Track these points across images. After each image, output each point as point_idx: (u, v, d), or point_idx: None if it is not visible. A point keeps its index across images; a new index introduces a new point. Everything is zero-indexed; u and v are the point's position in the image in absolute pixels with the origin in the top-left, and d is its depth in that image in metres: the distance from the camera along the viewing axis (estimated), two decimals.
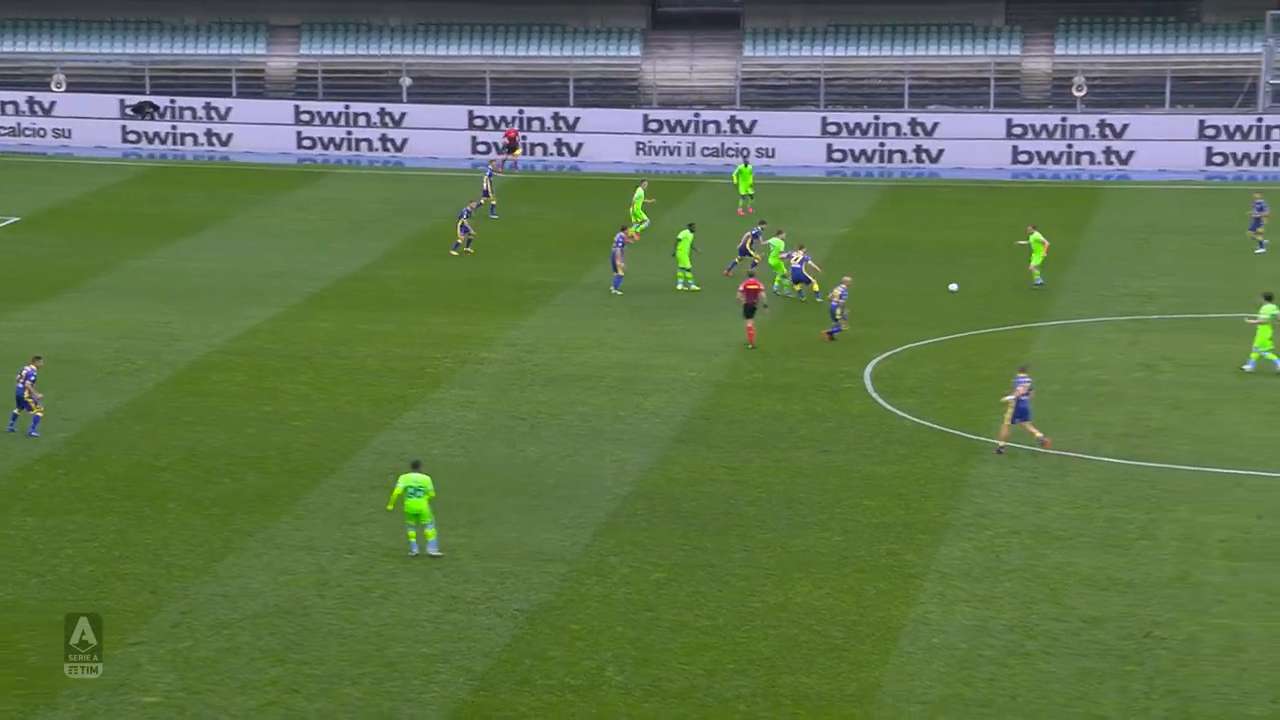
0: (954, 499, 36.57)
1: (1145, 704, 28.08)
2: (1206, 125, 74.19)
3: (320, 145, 77.94)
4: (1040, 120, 75.45)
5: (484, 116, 77.96)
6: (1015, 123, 75.47)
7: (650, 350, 47.40)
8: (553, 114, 77.68)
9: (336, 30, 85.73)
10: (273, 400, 43.45)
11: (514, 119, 77.01)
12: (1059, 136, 74.56)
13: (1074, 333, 48.81)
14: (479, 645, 30.22)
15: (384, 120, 78.16)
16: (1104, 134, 74.35)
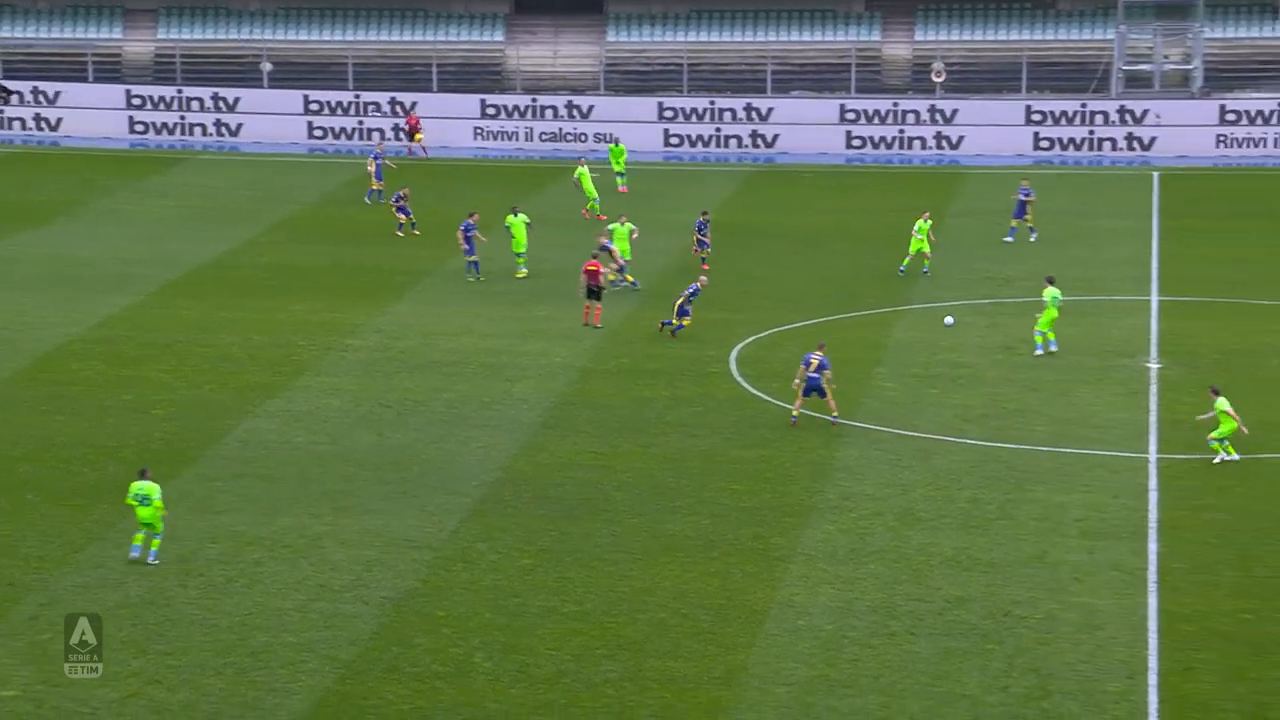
0: (819, 482, 36.87)
1: (1005, 681, 28.50)
2: (1033, 110, 75.25)
3: (155, 130, 77.10)
4: (873, 106, 76.11)
5: (319, 101, 77.30)
6: (849, 108, 76.16)
7: (517, 336, 47.32)
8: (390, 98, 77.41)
9: (195, 14, 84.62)
10: (133, 389, 42.88)
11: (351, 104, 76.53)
12: (891, 121, 75.35)
13: (935, 316, 49.35)
14: (345, 633, 30.04)
15: (218, 105, 77.37)
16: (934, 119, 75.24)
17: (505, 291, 51.80)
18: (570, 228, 60.03)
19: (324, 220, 61.55)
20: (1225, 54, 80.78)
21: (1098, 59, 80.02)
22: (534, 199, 65.03)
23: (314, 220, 61.26)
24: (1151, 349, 46.40)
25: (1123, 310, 50.20)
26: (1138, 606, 31.12)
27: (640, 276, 52.98)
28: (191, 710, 27.51)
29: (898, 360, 45.29)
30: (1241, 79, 79.68)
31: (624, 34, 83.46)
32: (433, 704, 27.81)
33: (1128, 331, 47.90)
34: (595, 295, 47.30)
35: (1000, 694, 28.07)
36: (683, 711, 27.57)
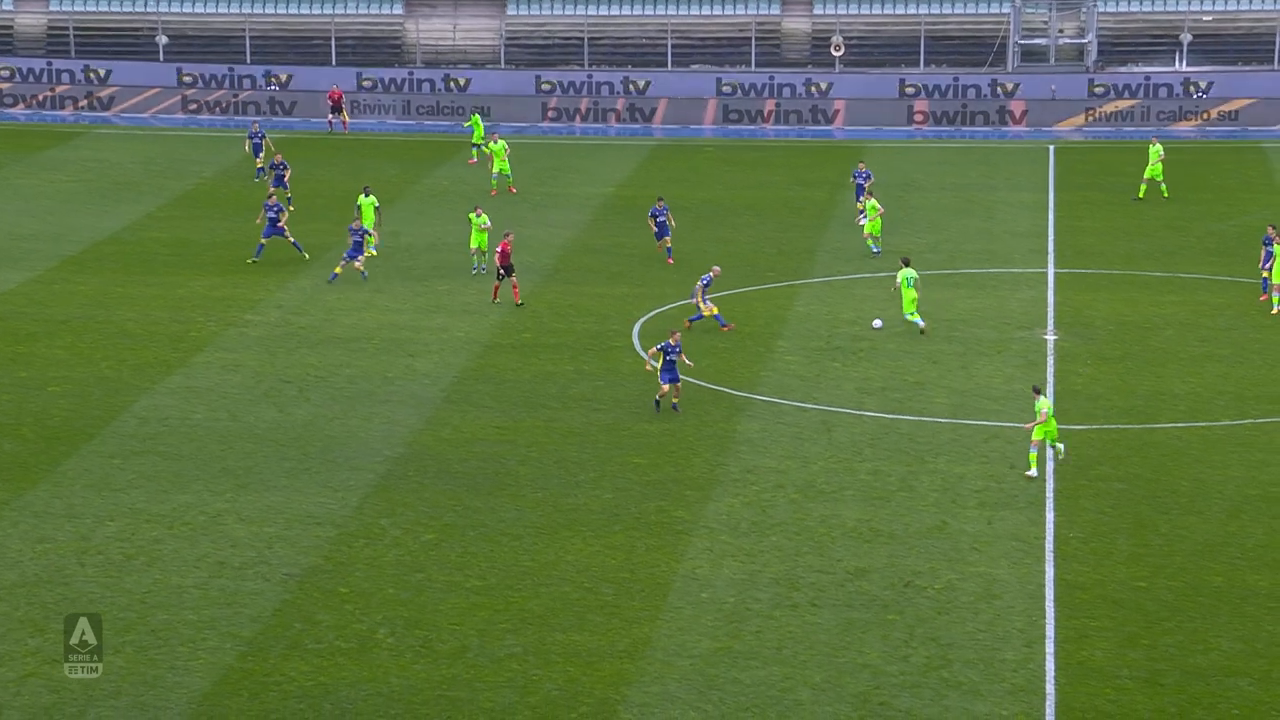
0: (722, 455, 36.98)
1: (906, 651, 28.74)
2: (723, 84, 75.97)
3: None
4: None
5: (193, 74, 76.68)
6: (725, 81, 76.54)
7: (419, 312, 47.11)
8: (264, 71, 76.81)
9: None
10: (28, 366, 42.32)
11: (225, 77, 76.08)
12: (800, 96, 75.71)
13: (835, 290, 49.61)
14: (247, 610, 29.84)
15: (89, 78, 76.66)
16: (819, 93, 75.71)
17: (407, 267, 51.54)
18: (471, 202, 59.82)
19: (223, 195, 60.97)
20: (1119, 28, 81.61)
21: (994, 33, 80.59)
22: (435, 173, 64.78)
23: (213, 195, 60.65)
24: (1049, 321, 46.86)
25: (1021, 283, 50.66)
26: (1035, 575, 31.48)
27: (543, 253, 52.91)
28: (91, 689, 27.25)
29: (799, 333, 45.48)
30: (1134, 53, 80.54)
31: (524, 8, 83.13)
32: (336, 680, 27.69)
33: (1026, 304, 48.35)
34: (508, 272, 46.92)
35: (901, 664, 28.31)
36: (587, 685, 27.61)
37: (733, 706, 27.04)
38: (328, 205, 58.79)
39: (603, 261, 52.37)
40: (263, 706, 26.91)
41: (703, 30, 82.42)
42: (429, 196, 61.08)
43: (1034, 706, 27.11)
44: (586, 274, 50.78)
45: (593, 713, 26.86)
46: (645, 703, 27.14)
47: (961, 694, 27.43)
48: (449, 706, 26.97)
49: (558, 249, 53.59)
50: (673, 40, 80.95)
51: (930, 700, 27.24)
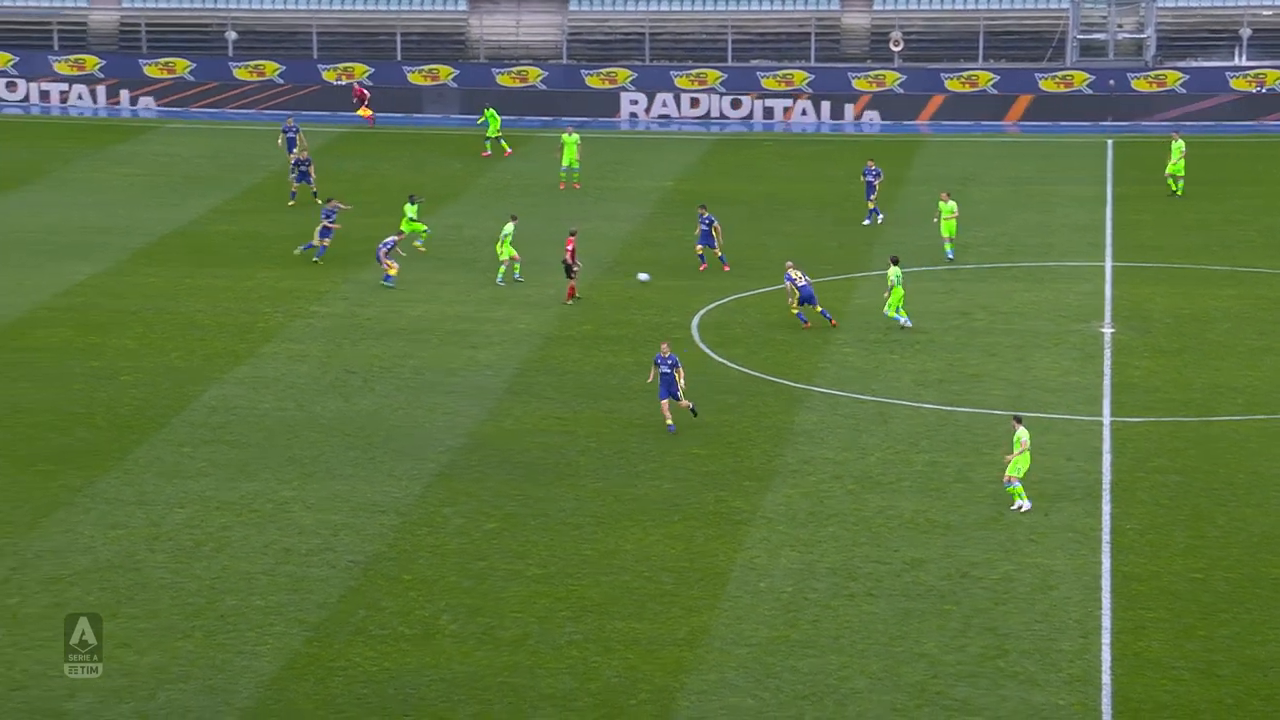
0: (780, 446, 36.96)
1: (963, 641, 28.67)
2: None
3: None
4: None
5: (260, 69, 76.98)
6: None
7: (482, 304, 47.25)
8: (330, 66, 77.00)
9: None
10: (100, 356, 42.71)
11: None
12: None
13: None
14: (313, 597, 30.04)
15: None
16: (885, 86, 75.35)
17: (470, 260, 51.70)
18: (531, 196, 59.96)
19: (288, 189, 61.29)
20: (1177, 22, 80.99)
21: (1053, 28, 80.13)
22: (498, 167, 64.97)
23: (280, 188, 60.95)
24: (1106, 314, 46.60)
25: (1078, 276, 50.39)
26: (1091, 567, 31.34)
27: (603, 246, 52.99)
28: (161, 673, 27.49)
29: (856, 326, 45.37)
30: (1193, 47, 79.93)
31: (586, 4, 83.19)
32: (399, 666, 27.84)
33: (1082, 297, 48.09)
34: (567, 272, 46.76)
35: (958, 653, 28.24)
36: (646, 672, 27.67)
37: (790, 695, 27.04)
38: (392, 200, 59.00)
39: (662, 254, 52.38)
40: (328, 691, 27.09)
41: (762, 25, 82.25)
42: (492, 191, 61.25)
43: (1090, 697, 27.00)
44: (646, 267, 50.77)
45: (652, 699, 26.92)
46: (704, 690, 27.18)
47: (1018, 684, 27.35)
48: (511, 692, 27.08)
49: (618, 242, 53.65)
50: (733, 36, 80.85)
51: (987, 690, 27.17)
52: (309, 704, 26.72)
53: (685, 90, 76.08)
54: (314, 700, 26.84)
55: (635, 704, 26.83)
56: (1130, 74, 75.69)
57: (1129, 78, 75.42)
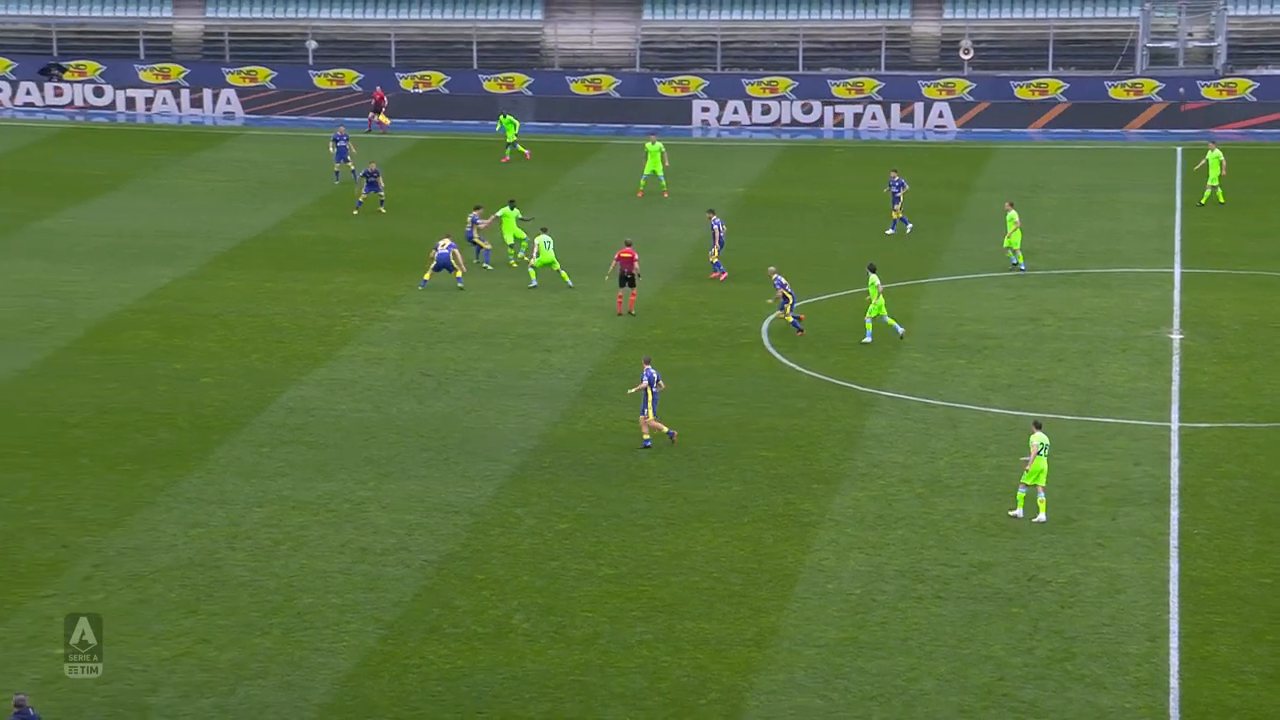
0: (848, 450, 36.82)
1: (1030, 644, 28.46)
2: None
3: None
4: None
5: (339, 77, 77.34)
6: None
7: (554, 308, 47.32)
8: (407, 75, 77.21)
9: None
10: (183, 358, 43.04)
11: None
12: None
13: (960, 288, 49.23)
14: (388, 595, 30.15)
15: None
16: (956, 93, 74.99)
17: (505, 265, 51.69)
18: (606, 202, 60.01)
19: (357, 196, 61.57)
20: (1248, 30, 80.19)
21: (1123, 36, 79.52)
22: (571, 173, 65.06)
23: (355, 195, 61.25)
24: (1174, 320, 46.17)
25: (1146, 282, 49.97)
26: (1159, 571, 31.04)
27: (674, 252, 52.95)
28: (240, 668, 27.66)
29: (924, 331, 45.16)
30: (1264, 55, 79.11)
31: (659, 12, 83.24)
32: (473, 663, 27.91)
33: (1151, 303, 47.67)
34: (630, 282, 46.35)
35: (1025, 656, 28.04)
36: (716, 672, 27.62)
37: (858, 695, 26.92)
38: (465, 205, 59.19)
39: (732, 260, 52.27)
40: (403, 688, 27.19)
41: (833, 34, 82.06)
42: (565, 196, 61.35)
43: (1158, 700, 26.74)
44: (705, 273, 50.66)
45: (721, 699, 26.86)
46: (772, 690, 27.09)
47: (1085, 686, 27.12)
48: (582, 691, 27.09)
49: (689, 248, 53.60)
50: (804, 44, 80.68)
51: (1054, 692, 26.95)
52: (384, 700, 26.82)
53: (756, 98, 75.96)
54: (389, 697, 26.94)
55: (704, 703, 26.78)
56: (1200, 82, 74.98)
57: (1199, 86, 74.71)
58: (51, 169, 65.98)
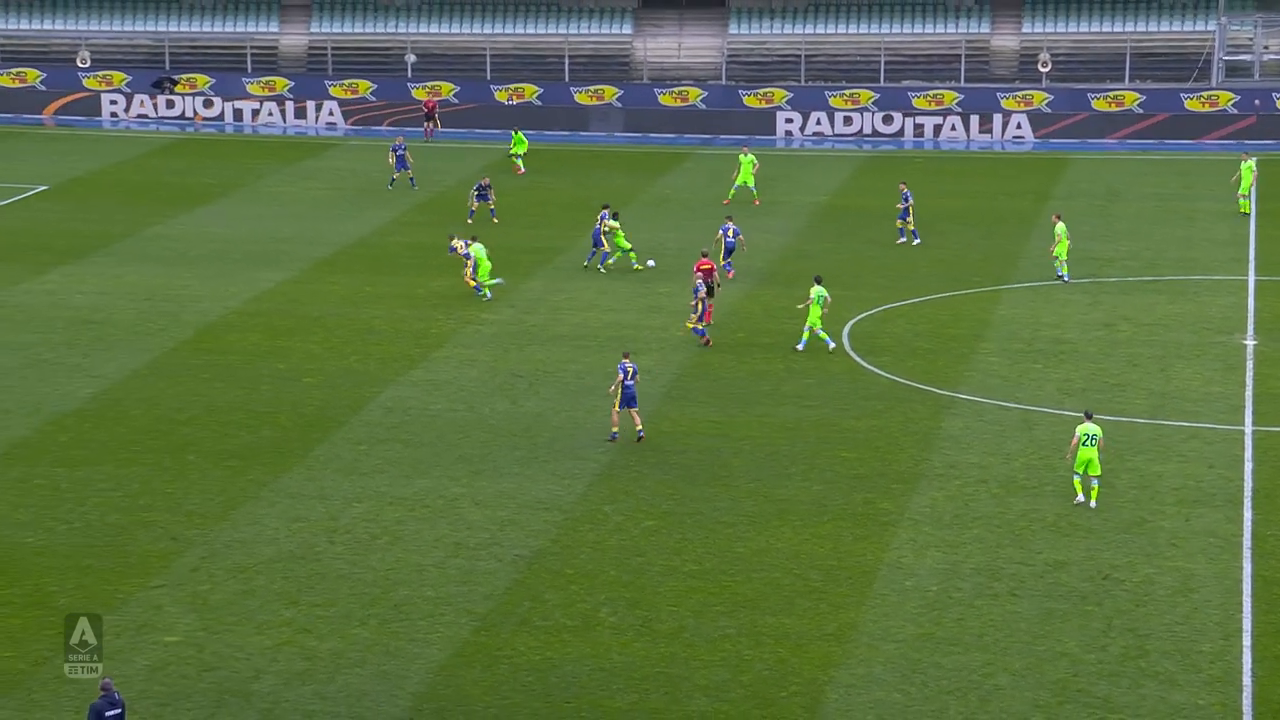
0: (926, 451, 36.62)
1: (1104, 641, 28.19)
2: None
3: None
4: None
5: (435, 89, 77.61)
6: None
7: (641, 312, 47.35)
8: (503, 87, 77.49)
9: (345, 8, 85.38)
10: (285, 359, 43.41)
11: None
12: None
13: (1037, 295, 48.83)
14: (480, 589, 30.27)
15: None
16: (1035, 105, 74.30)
17: (629, 269, 51.79)
18: (692, 210, 60.00)
19: (461, 202, 61.91)
20: None
21: (1199, 50, 78.63)
22: (659, 182, 65.08)
23: (451, 202, 61.61)
24: (1248, 326, 45.59)
25: (1221, 289, 49.35)
26: (1232, 571, 30.65)
27: (758, 258, 52.84)
28: (339, 657, 27.86)
29: (1002, 336, 44.85)
30: None
31: (745, 27, 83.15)
32: (561, 655, 27.96)
33: (1225, 309, 47.09)
34: (709, 292, 45.93)
35: (1099, 653, 27.77)
36: (796, 666, 27.54)
37: (935, 689, 26.76)
38: (556, 212, 59.41)
39: (814, 266, 52.10)
40: (495, 678, 27.29)
41: (914, 48, 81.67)
42: (652, 204, 61.38)
43: (1230, 698, 26.40)
44: (799, 278, 50.58)
45: (802, 692, 26.78)
46: (851, 684, 26.98)
47: (1159, 683, 26.82)
48: (667, 682, 27.08)
49: (772, 254, 53.50)
50: (885, 57, 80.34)
51: (1127, 689, 26.68)
52: (476, 690, 26.93)
53: (839, 109, 75.70)
54: (481, 686, 27.04)
55: (785, 696, 26.70)
56: (1275, 94, 73.98)
57: (1274, 98, 73.72)
58: (163, 178, 66.77)
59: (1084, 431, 33.15)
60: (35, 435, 37.63)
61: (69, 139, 75.59)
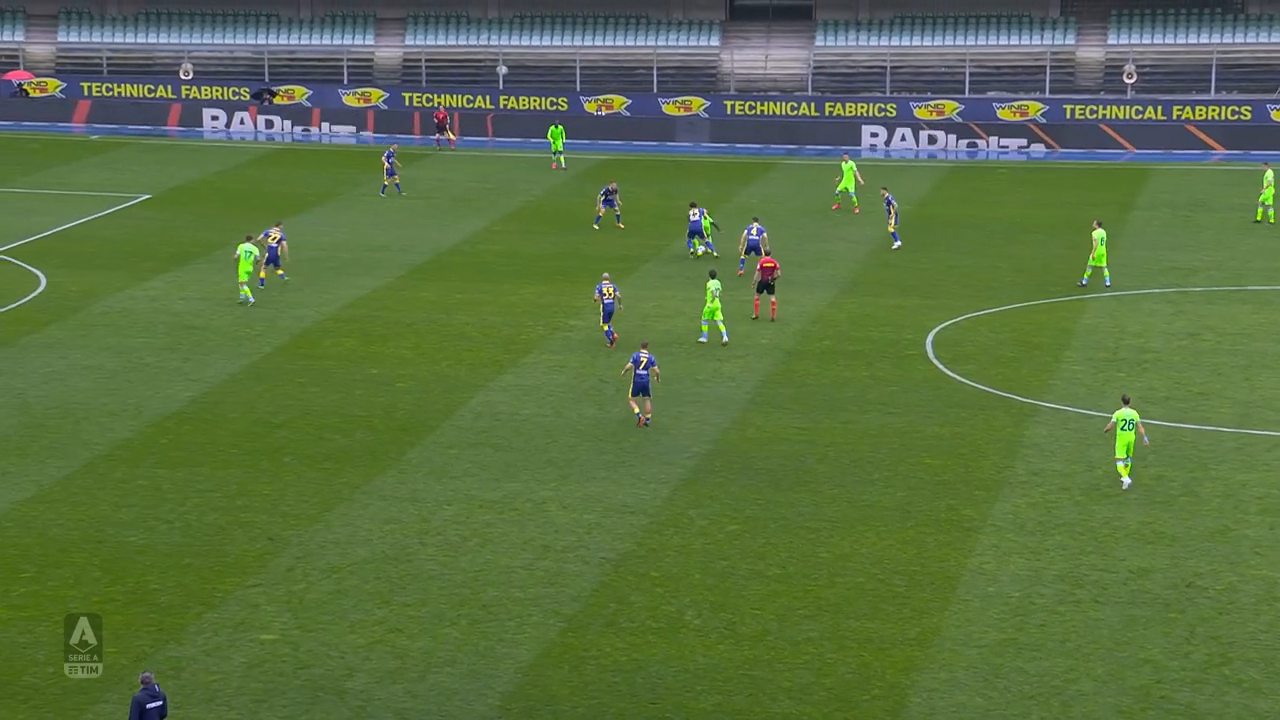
0: (1009, 458, 36.35)
1: (1188, 649, 27.86)
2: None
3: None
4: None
5: (523, 101, 77.85)
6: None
7: (726, 319, 47.24)
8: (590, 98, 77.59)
9: (438, 22, 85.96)
10: (379, 364, 43.72)
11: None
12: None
13: (1122, 304, 48.35)
14: (568, 590, 30.34)
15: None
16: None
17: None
18: (777, 219, 59.89)
19: (550, 211, 62.16)
20: None
21: None
22: (745, 191, 65.03)
23: (541, 211, 61.87)
24: None
25: None
26: None
27: (842, 266, 52.62)
28: (429, 656, 28.02)
29: (1085, 345, 44.44)
30: None
31: (831, 39, 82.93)
32: (647, 656, 27.97)
33: None
34: (769, 289, 46.67)
35: (1182, 660, 27.45)
36: (879, 669, 27.41)
37: (1017, 695, 26.55)
38: (642, 221, 59.45)
39: (898, 275, 51.93)
40: (582, 678, 27.34)
41: (999, 59, 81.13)
42: (740, 213, 61.31)
43: None
44: (883, 286, 50.42)
45: (884, 695, 26.65)
46: (934, 688, 26.82)
47: (1242, 691, 26.47)
48: (751, 685, 27.04)
49: (857, 262, 53.31)
50: (970, 69, 79.85)
51: (1211, 696, 26.35)
52: (564, 690, 27.00)
53: (924, 121, 75.31)
54: (568, 687, 27.10)
55: (868, 699, 26.58)
56: None
57: None
58: (262, 187, 67.47)
59: (1121, 417, 33.96)
60: (137, 437, 38.12)
61: (171, 148, 76.55)
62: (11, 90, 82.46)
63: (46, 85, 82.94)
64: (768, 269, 46.43)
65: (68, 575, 30.87)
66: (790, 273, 50.83)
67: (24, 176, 68.49)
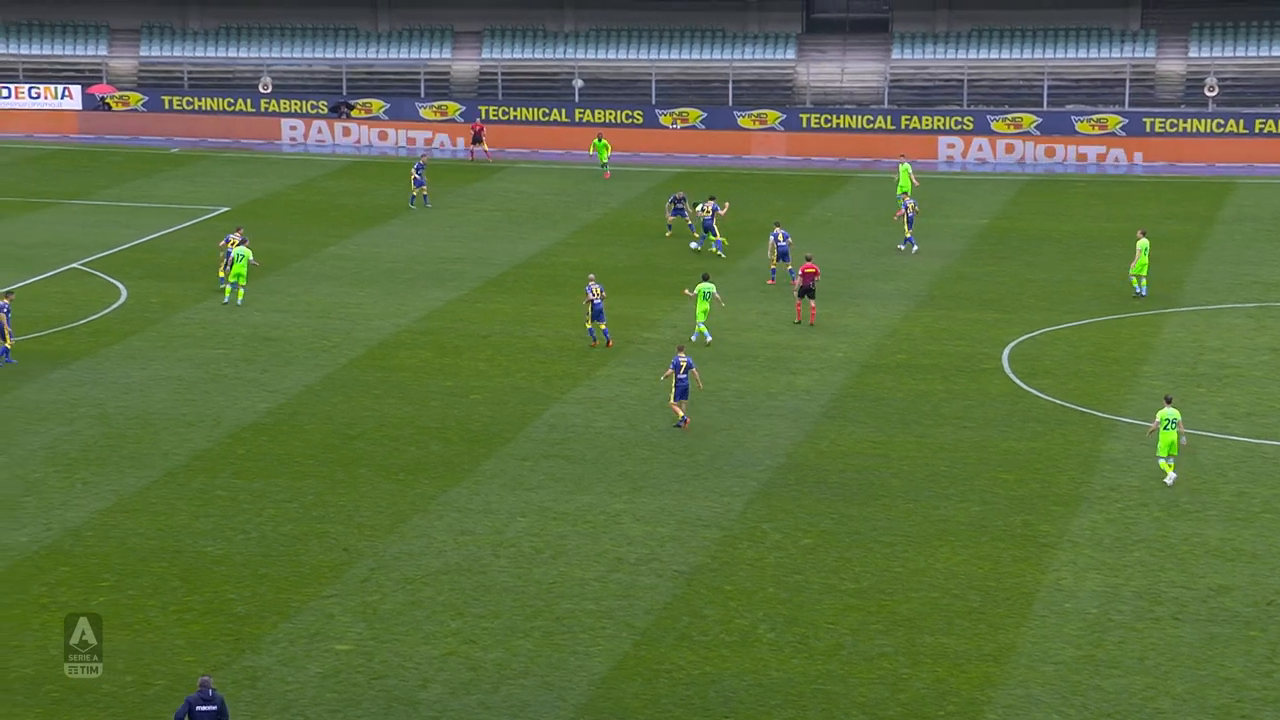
0: (1086, 473, 36.02)
1: (1269, 667, 27.48)
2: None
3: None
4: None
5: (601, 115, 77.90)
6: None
7: (800, 332, 47.18)
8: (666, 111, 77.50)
9: (515, 35, 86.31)
10: (454, 376, 43.90)
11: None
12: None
13: (1202, 319, 47.83)
14: (641, 603, 30.32)
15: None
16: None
17: (789, 290, 51.59)
18: (851, 232, 59.68)
19: (625, 223, 62.23)
20: None
21: None
22: (819, 204, 64.87)
23: (616, 223, 61.94)
24: None
25: None
26: None
27: (918, 280, 52.34)
28: (503, 668, 28.07)
29: (1165, 359, 44.00)
30: None
31: (908, 51, 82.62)
32: (720, 670, 27.91)
33: None
34: (810, 294, 46.82)
35: (1264, 679, 27.08)
36: (955, 685, 27.21)
37: (1095, 712, 26.28)
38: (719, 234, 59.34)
39: (975, 289, 51.62)
40: (655, 691, 27.31)
41: (1078, 72, 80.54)
42: (815, 225, 61.17)
43: None
44: (959, 300, 50.13)
45: (960, 712, 26.45)
46: (1010, 705, 26.59)
47: None
48: (825, 699, 26.91)
49: (932, 276, 53.03)
50: (1049, 81, 79.30)
51: None
52: (637, 703, 26.97)
53: (1001, 133, 74.87)
54: (641, 700, 27.07)
55: (943, 715, 26.39)
56: None
57: None
58: (340, 199, 67.93)
59: (1164, 416, 34.68)
60: (216, 447, 38.44)
61: (249, 161, 77.25)
62: (95, 103, 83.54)
63: (129, 99, 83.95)
64: (809, 274, 46.79)
65: (146, 584, 31.17)
66: (865, 286, 50.66)
67: (104, 189, 69.30)
